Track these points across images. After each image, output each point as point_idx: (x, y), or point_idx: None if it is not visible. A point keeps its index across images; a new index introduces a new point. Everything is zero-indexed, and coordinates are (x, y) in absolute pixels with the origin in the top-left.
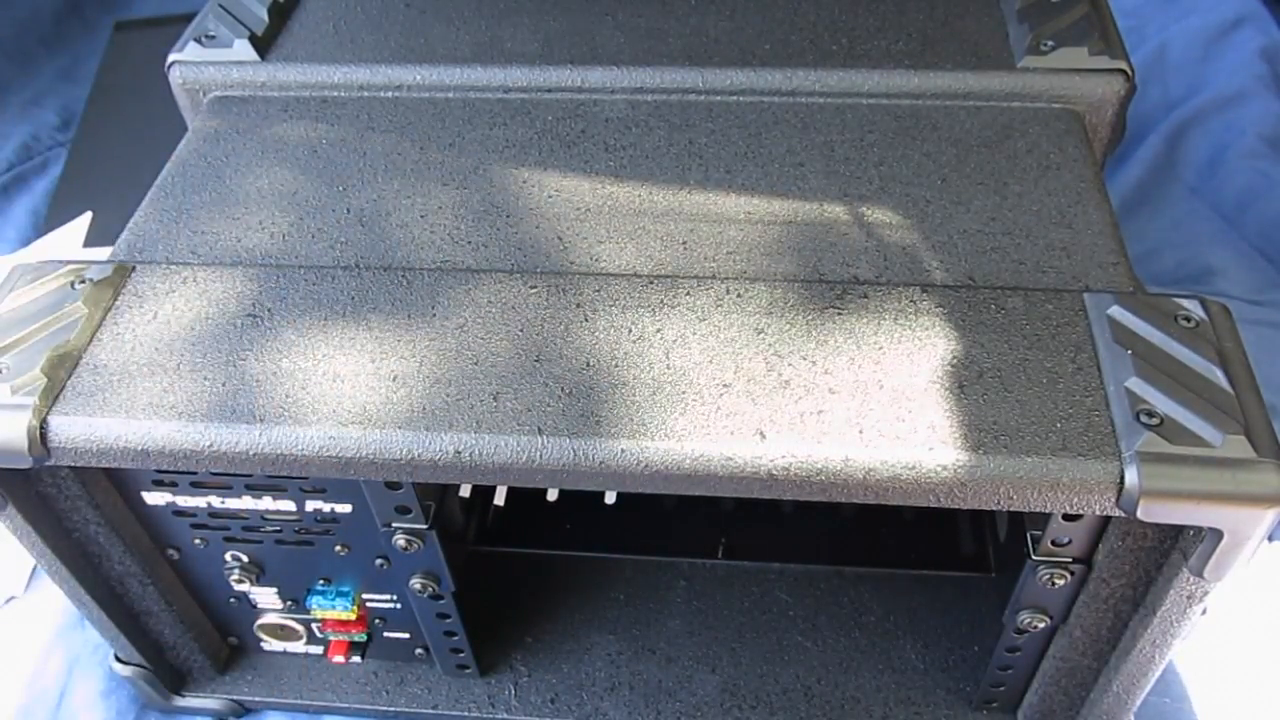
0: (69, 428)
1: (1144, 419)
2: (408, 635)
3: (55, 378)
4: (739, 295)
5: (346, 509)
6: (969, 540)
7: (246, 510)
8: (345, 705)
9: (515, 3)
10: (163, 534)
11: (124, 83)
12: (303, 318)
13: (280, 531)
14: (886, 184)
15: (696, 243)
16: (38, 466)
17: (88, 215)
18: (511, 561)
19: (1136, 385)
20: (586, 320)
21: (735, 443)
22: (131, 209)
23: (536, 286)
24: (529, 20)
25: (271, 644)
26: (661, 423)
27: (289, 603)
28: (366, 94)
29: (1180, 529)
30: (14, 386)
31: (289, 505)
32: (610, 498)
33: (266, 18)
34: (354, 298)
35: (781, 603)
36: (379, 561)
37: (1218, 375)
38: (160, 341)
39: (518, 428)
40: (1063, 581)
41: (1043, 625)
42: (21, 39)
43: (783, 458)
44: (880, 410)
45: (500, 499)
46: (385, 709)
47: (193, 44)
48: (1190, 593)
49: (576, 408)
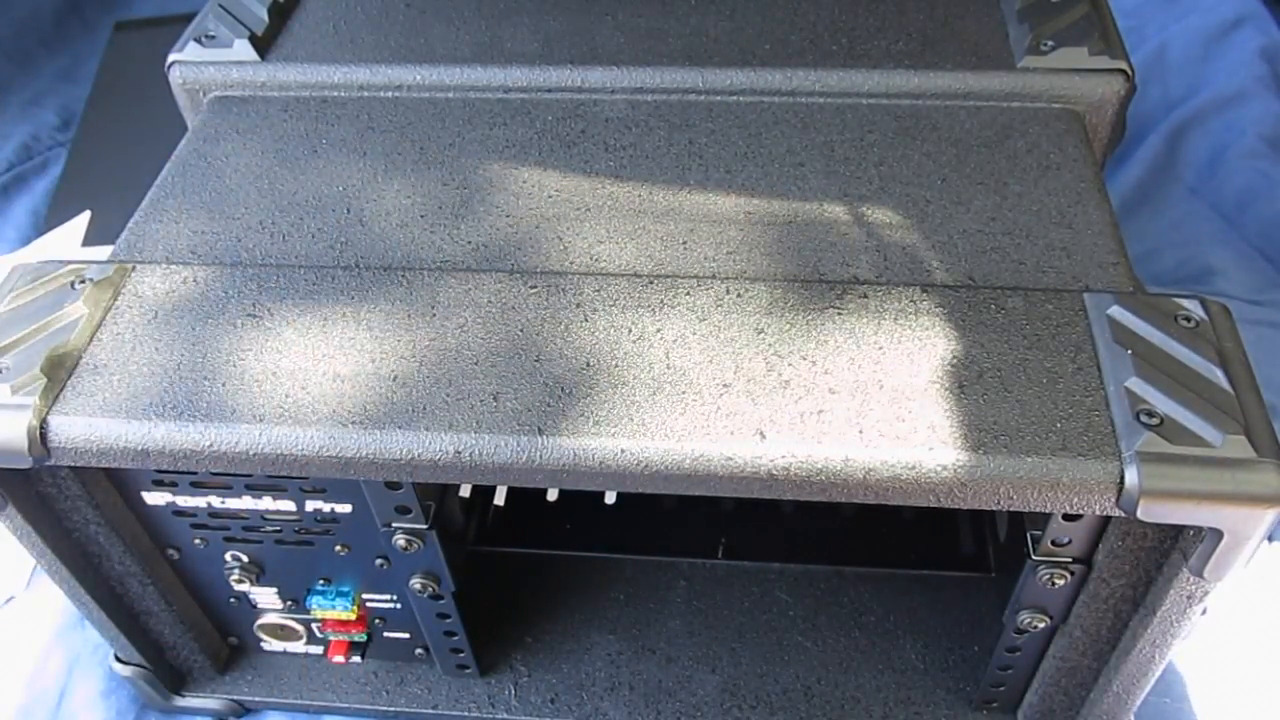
0: (69, 428)
1: (1144, 419)
2: (408, 635)
3: (55, 378)
4: (739, 295)
5: (346, 509)
6: (969, 540)
7: (246, 510)
8: (345, 705)
9: (515, 3)
10: (163, 534)
11: (124, 83)
12: (303, 318)
13: (280, 531)
14: (886, 184)
15: (696, 243)
16: (38, 466)
17: (87, 215)
18: (511, 561)
19: (1136, 385)
20: (586, 320)
21: (735, 443)
22: (131, 209)
23: (536, 286)
24: (529, 20)
25: (271, 644)
26: (661, 423)
27: (289, 603)
28: (366, 94)
29: (1180, 529)
30: (14, 386)
31: (289, 505)
32: (610, 498)
33: (266, 18)
34: (354, 298)
35: (781, 603)
36: (379, 561)
37: (1218, 375)
38: (160, 342)
39: (518, 428)
40: (1063, 581)
41: (1043, 625)
42: (21, 39)
43: (783, 458)
44: (880, 410)
45: (500, 499)
46: (385, 709)
47: (193, 44)
48: (1190, 593)
49: (577, 408)
